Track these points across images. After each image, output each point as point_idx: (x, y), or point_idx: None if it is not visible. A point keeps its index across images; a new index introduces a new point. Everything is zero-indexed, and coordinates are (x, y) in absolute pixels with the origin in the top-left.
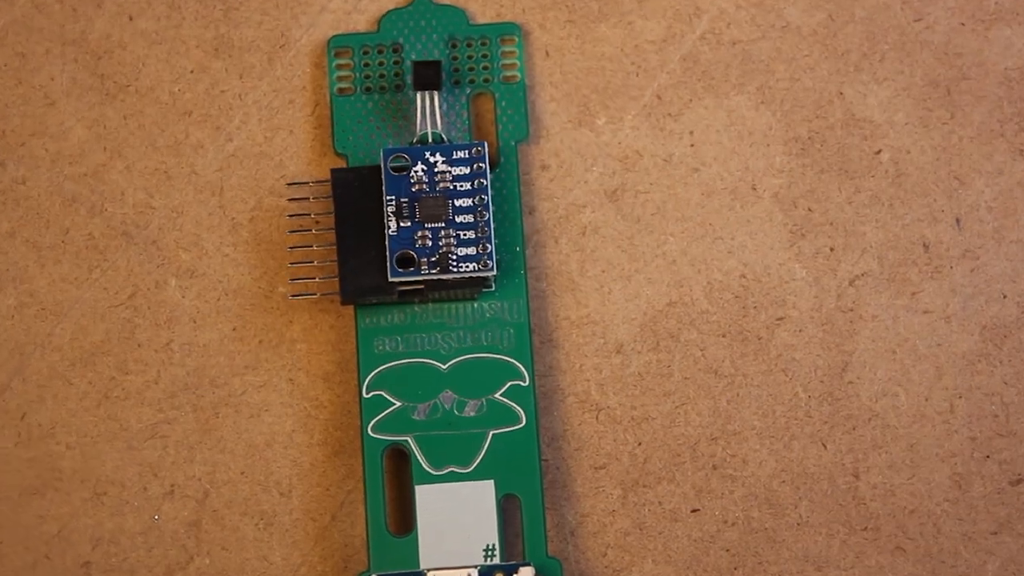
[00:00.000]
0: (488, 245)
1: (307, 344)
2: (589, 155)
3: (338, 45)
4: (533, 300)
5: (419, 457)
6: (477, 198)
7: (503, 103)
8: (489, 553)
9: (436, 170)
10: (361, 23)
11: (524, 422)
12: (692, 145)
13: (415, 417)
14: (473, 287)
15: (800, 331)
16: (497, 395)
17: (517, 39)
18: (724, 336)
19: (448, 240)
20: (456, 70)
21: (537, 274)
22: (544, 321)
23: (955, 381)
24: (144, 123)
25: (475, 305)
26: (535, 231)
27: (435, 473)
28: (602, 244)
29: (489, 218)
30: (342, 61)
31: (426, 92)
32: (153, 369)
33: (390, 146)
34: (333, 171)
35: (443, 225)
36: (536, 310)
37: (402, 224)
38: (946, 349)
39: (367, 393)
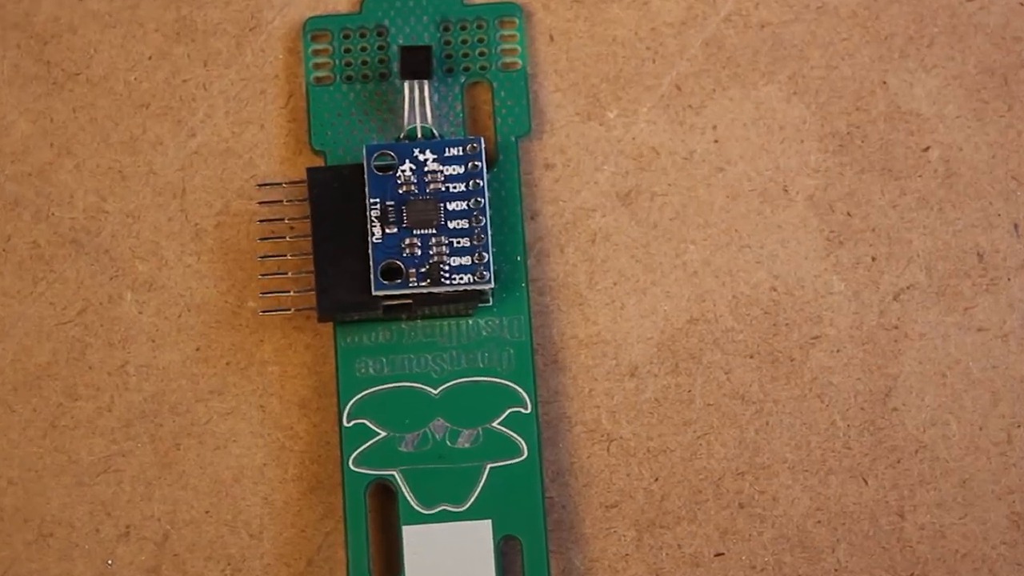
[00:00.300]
0: (485, 254)
1: (280, 366)
2: (599, 152)
3: (315, 28)
4: (536, 316)
5: (407, 494)
6: (472, 201)
7: (502, 94)
8: None
9: (426, 169)
10: (342, 3)
11: (526, 454)
12: (716, 141)
13: (402, 449)
14: (468, 302)
15: (838, 351)
16: (495, 424)
17: (518, 21)
18: (752, 357)
19: (440, 249)
20: (449, 56)
21: (540, 287)
22: (548, 340)
23: (1013, 408)
24: (96, 116)
25: (470, 322)
26: (538, 238)
27: (425, 512)
28: (614, 253)
29: (486, 224)
30: (320, 46)
31: (415, 81)
32: (106, 394)
33: (374, 142)
34: (309, 171)
35: (434, 232)
36: (539, 328)
37: (388, 230)
38: (1003, 372)
39: (348, 422)
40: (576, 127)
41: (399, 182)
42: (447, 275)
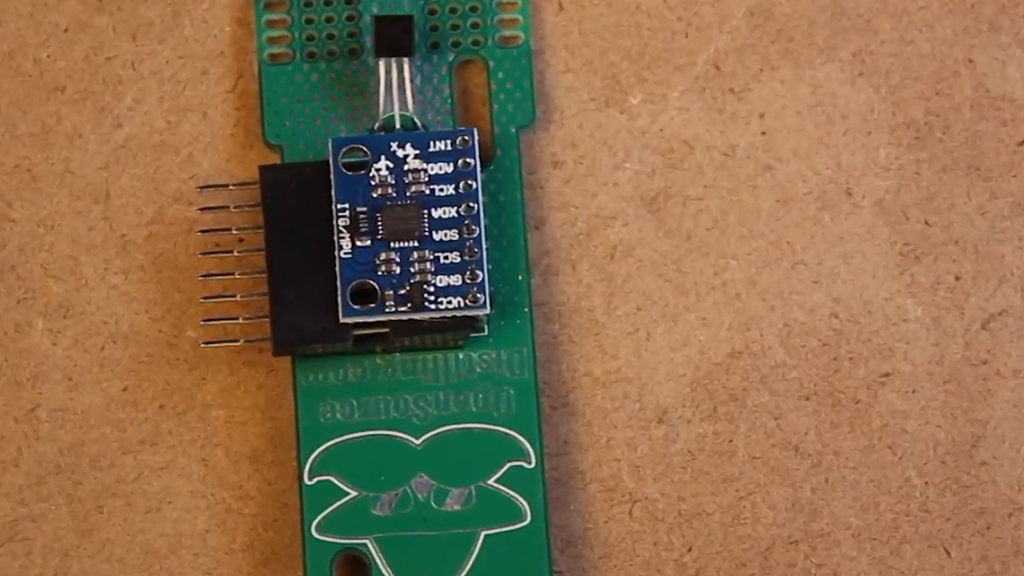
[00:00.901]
0: (479, 272)
1: (227, 410)
2: (620, 147)
3: None
4: (542, 349)
5: (382, 567)
6: (463, 207)
7: (500, 75)
8: None
9: (406, 168)
10: None
11: (529, 518)
12: (763, 133)
13: (377, 512)
14: (458, 331)
15: (913, 392)
16: (491, 481)
17: None
18: (808, 399)
19: (423, 266)
20: (434, 28)
21: (547, 313)
22: (557, 378)
23: None
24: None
25: (461, 356)
26: (544, 253)
27: None
28: (638, 271)
29: (480, 235)
30: (275, 16)
31: (392, 59)
32: (12, 445)
33: (342, 135)
34: (262, 169)
35: (416, 244)
36: (546, 363)
37: (359, 243)
38: None
39: (310, 479)
40: (591, 116)
41: (373, 184)
42: (432, 298)
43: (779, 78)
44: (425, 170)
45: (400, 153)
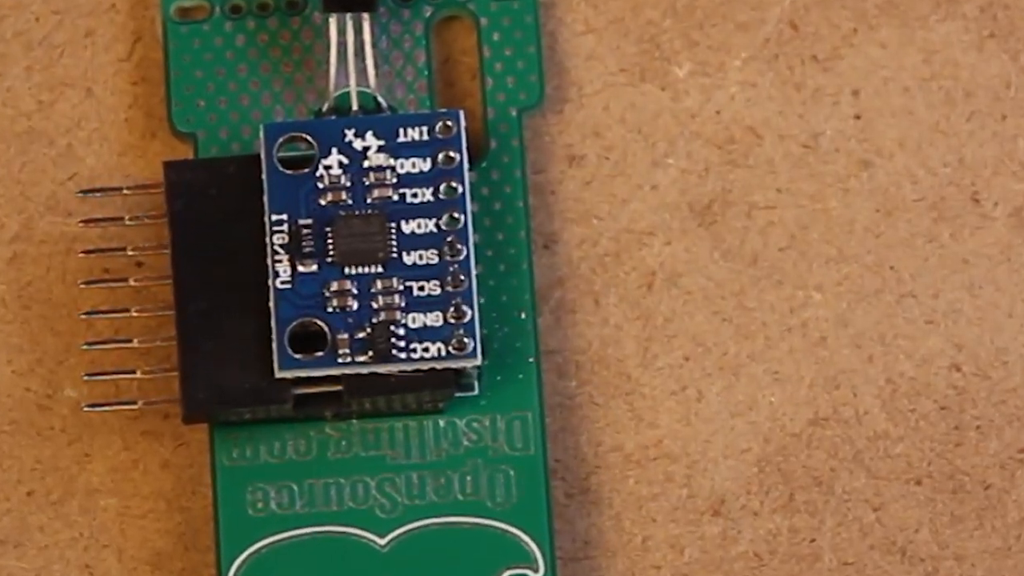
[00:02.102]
0: (466, 309)
1: (120, 499)
2: (660, 136)
3: None
4: (553, 414)
5: None
6: (446, 219)
7: (495, 37)
8: None
9: (367, 165)
10: None
11: None
12: (857, 117)
13: None
14: (438, 390)
15: None
16: None
17: None
18: (919, 483)
19: (390, 300)
20: None
21: (561, 364)
22: (574, 454)
23: None
24: None
25: (442, 424)
26: (557, 281)
27: None
28: (684, 306)
29: (468, 257)
30: None
31: (347, 15)
32: None
33: (279, 119)
34: (169, 167)
35: (381, 271)
36: (559, 433)
37: (302, 269)
38: None
39: None
40: (621, 94)
41: (321, 187)
42: (403, 345)
43: (879, 41)
44: (393, 168)
45: (358, 144)
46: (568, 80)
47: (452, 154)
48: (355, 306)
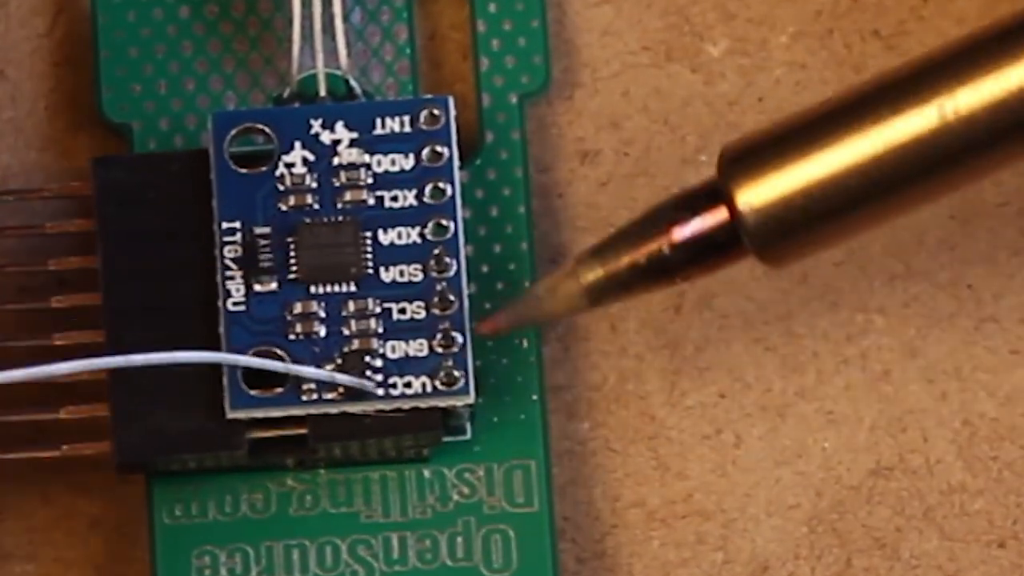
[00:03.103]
0: (457, 335)
1: (37, 565)
2: (690, 126)
3: None
4: (561, 462)
5: None
6: (432, 227)
7: (491, 8)
8: None
9: (337, 163)
10: None
11: None
12: None
13: None
14: (423, 433)
15: None
16: None
17: None
18: (1003, 546)
19: (366, 325)
20: None
21: (570, 403)
22: (587, 510)
23: None
24: None
25: (428, 475)
26: None
27: None
28: (720, 333)
29: (459, 273)
30: None
31: None
32: None
33: (230, 107)
34: (99, 165)
35: (354, 290)
36: (567, 485)
37: (259, 288)
38: None
39: None
40: (644, 76)
41: (282, 189)
42: (381, 379)
43: (955, 13)
44: (368, 165)
45: (327, 138)
46: (580, 60)
47: (439, 149)
48: (323, 332)
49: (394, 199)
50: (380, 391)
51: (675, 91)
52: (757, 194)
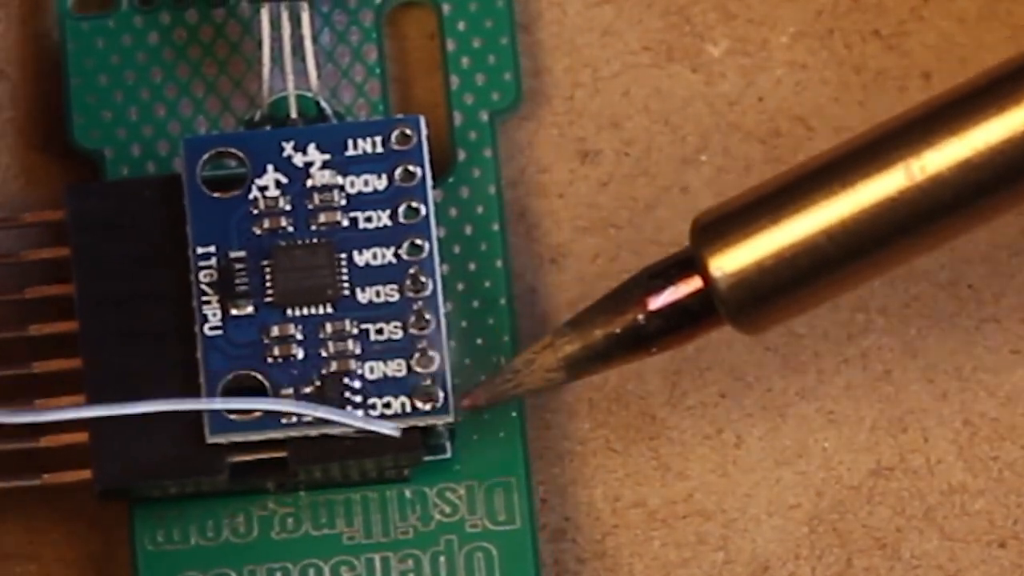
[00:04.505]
0: (434, 354)
1: (37, 565)
2: (690, 127)
3: None
4: (563, 463)
5: None
6: (407, 247)
7: (460, 26)
8: None
9: (311, 184)
10: None
11: None
12: None
13: None
14: (403, 453)
15: None
16: None
17: None
18: (1003, 546)
19: (343, 346)
20: None
21: (572, 402)
22: (588, 511)
23: None
24: None
25: (408, 495)
26: (566, 302)
27: None
28: (720, 332)
29: (435, 291)
30: None
31: (280, 4)
32: None
33: (202, 131)
34: (71, 192)
35: (331, 311)
36: (568, 486)
37: (236, 312)
38: None
39: None
40: (644, 77)
41: (255, 212)
42: (359, 400)
43: (955, 13)
44: (341, 187)
45: (299, 160)
46: (580, 61)
47: (412, 168)
48: (300, 355)
49: (368, 220)
50: (393, 430)
51: (676, 91)
52: (728, 260)
